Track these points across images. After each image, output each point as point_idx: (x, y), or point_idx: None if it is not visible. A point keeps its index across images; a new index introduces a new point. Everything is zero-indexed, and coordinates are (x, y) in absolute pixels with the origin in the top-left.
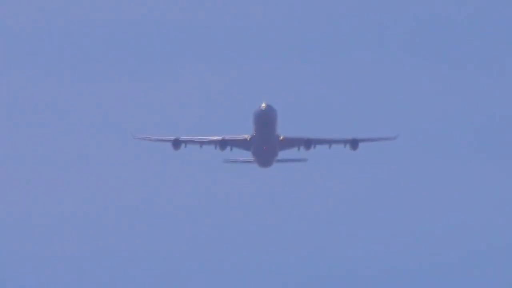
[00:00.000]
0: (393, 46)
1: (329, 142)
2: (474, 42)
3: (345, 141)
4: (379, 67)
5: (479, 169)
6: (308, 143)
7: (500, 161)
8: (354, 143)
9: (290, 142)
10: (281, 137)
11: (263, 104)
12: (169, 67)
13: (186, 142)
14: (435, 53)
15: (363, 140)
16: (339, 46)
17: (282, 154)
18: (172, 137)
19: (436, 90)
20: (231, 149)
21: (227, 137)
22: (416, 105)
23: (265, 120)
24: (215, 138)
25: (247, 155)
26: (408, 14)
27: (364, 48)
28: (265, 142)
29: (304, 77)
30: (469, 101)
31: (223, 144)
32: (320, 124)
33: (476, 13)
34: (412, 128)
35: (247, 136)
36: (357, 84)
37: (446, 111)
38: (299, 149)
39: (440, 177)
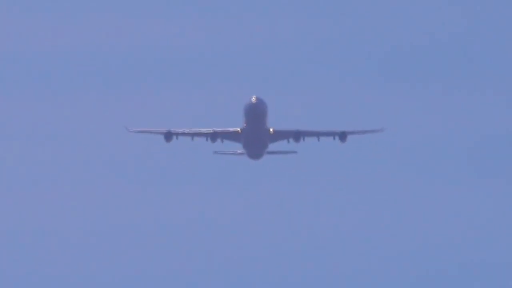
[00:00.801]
0: (382, 42)
1: (318, 134)
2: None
3: (334, 133)
4: (368, 62)
5: (467, 162)
6: (297, 135)
7: (486, 152)
8: (342, 136)
9: (280, 135)
10: (271, 130)
11: (254, 97)
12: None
13: (177, 134)
14: (425, 50)
15: (351, 133)
16: (329, 42)
17: (272, 146)
18: (164, 130)
19: (424, 84)
20: (222, 141)
21: (218, 129)
22: (402, 97)
23: (255, 113)
24: (206, 130)
25: (238, 147)
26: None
27: (353, 43)
28: (255, 135)
29: (294, 70)
30: (458, 99)
31: (214, 136)
32: (309, 117)
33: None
34: (398, 120)
35: (237, 129)
36: (346, 78)
37: (434, 104)
38: (288, 141)
39: (427, 168)
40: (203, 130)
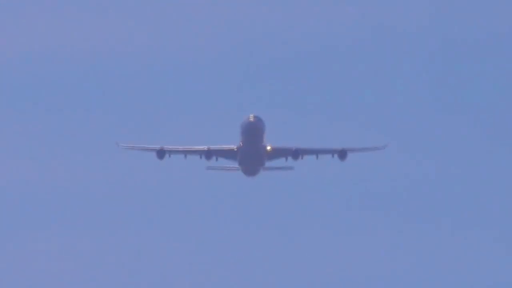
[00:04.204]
0: (380, 52)
1: (317, 152)
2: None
3: (333, 151)
4: (366, 75)
5: (468, 177)
6: (296, 153)
7: (488, 167)
8: (342, 154)
9: (278, 152)
10: (269, 147)
11: (251, 116)
12: (155, 77)
13: (170, 151)
14: (422, 58)
15: (351, 150)
16: (327, 56)
17: (269, 162)
18: (157, 147)
19: (422, 97)
20: (217, 159)
21: (212, 147)
22: (404, 113)
23: (253, 131)
24: (200, 148)
25: (233, 164)
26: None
27: (352, 56)
28: (253, 153)
29: (292, 87)
30: (456, 108)
31: (208, 154)
32: (308, 134)
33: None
34: (400, 137)
35: (233, 146)
36: (345, 94)
37: (434, 118)
38: (286, 159)
39: (428, 186)
40: (197, 147)
